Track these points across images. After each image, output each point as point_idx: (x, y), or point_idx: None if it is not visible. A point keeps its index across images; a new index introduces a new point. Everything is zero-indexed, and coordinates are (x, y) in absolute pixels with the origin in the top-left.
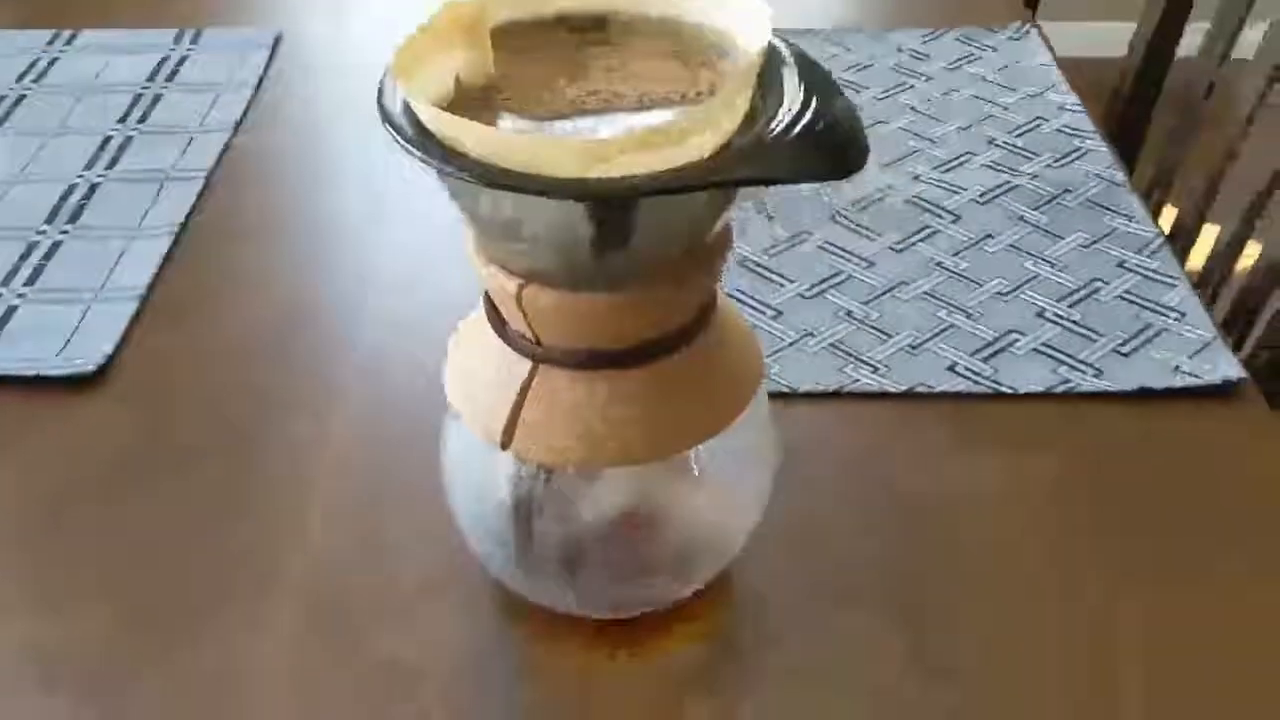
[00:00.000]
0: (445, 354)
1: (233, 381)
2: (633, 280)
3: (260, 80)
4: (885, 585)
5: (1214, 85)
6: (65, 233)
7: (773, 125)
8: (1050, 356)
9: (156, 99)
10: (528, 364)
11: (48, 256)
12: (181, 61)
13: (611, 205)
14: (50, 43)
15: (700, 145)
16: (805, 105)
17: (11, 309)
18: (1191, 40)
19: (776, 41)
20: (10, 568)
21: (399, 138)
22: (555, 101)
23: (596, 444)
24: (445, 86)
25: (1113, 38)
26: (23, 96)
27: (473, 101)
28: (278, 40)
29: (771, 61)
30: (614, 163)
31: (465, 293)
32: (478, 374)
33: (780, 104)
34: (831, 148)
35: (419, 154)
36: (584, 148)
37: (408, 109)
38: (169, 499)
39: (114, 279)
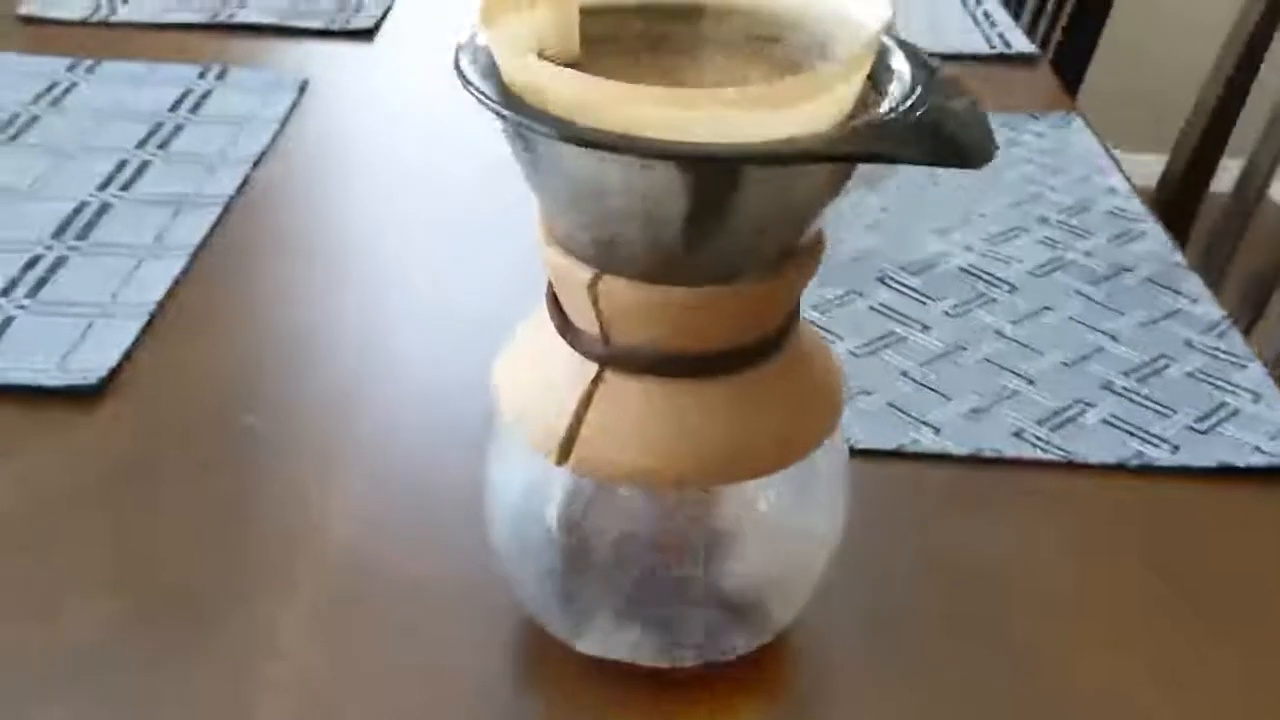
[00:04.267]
0: (480, 367)
1: (242, 395)
2: (722, 274)
3: (285, 118)
4: (942, 651)
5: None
6: (73, 248)
7: (891, 108)
8: (1121, 429)
9: (178, 128)
10: (593, 368)
11: (52, 270)
12: (206, 95)
13: (716, 174)
14: (70, 69)
15: (814, 115)
16: (924, 93)
17: (9, 319)
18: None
19: (886, 38)
20: (5, 574)
21: (481, 94)
22: None
23: (667, 461)
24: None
25: (1143, 170)
26: (37, 117)
27: None
28: (304, 85)
29: (882, 54)
30: (717, 126)
31: (480, 323)
32: (533, 380)
33: (895, 91)
34: (957, 133)
35: (504, 109)
36: (689, 98)
37: (485, 75)
38: (172, 508)
39: (122, 295)
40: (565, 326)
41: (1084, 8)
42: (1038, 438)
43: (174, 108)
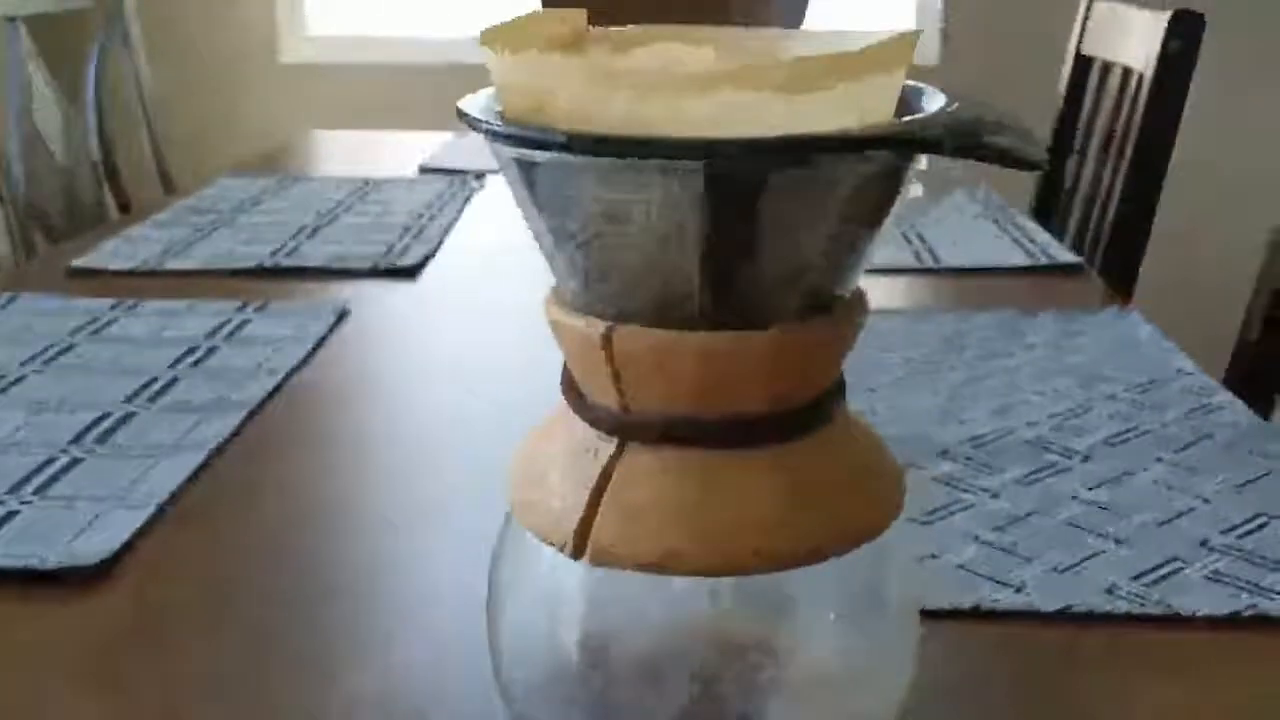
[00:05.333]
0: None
1: (246, 579)
2: (748, 317)
3: (322, 339)
4: None
5: None
6: (89, 451)
7: (937, 108)
8: (1227, 584)
9: (211, 350)
10: (612, 445)
11: (65, 470)
12: (244, 323)
13: (734, 181)
14: (113, 308)
15: (839, 105)
16: (964, 103)
17: (13, 513)
18: None
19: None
20: None
21: (484, 121)
22: None
23: (695, 543)
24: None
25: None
26: (74, 345)
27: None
28: (344, 313)
29: (915, 91)
30: (735, 119)
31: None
32: (547, 470)
33: (934, 105)
34: (1004, 127)
35: (504, 132)
36: (704, 79)
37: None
38: (167, 683)
39: (133, 490)
40: (580, 404)
41: (1124, 223)
42: (1134, 594)
43: (211, 334)
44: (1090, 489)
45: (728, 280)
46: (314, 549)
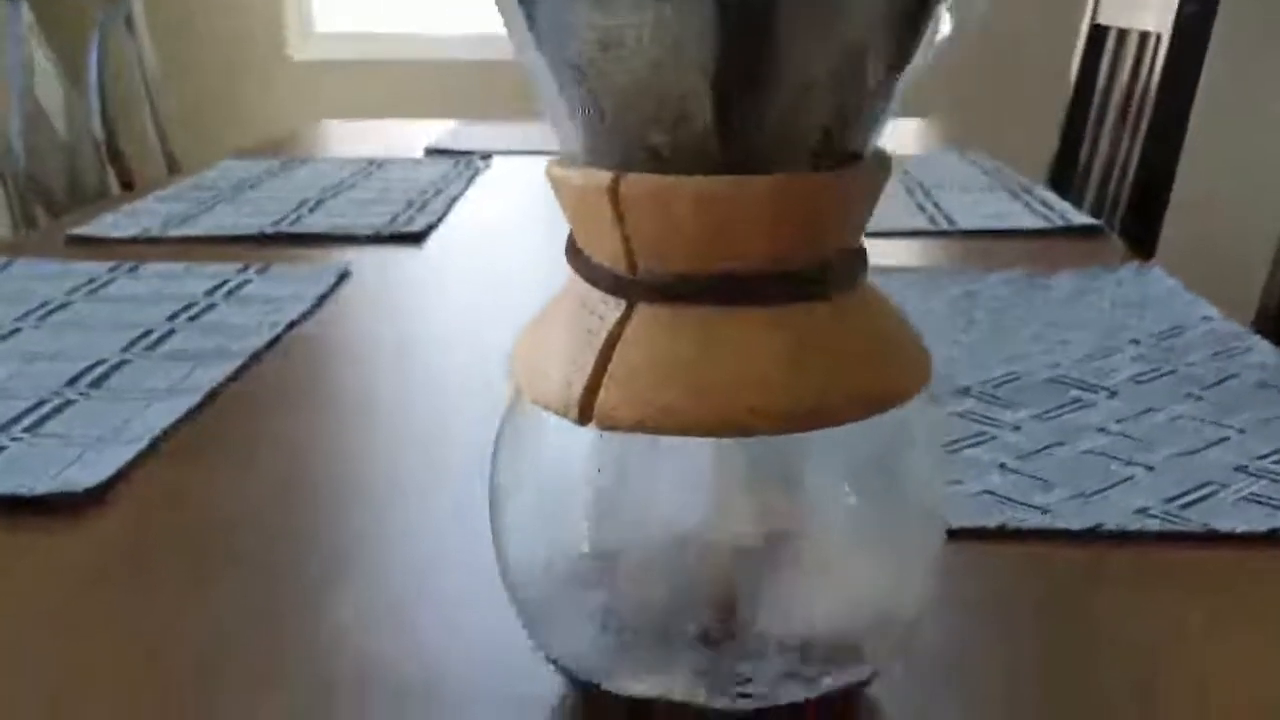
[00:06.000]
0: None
1: (237, 521)
2: (762, 161)
3: (323, 297)
4: None
5: None
6: (84, 395)
7: None
8: (1264, 505)
9: (210, 307)
10: (615, 307)
11: (58, 410)
12: (244, 284)
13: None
14: (111, 270)
15: None
16: None
17: (1, 449)
18: None
19: None
20: None
21: None
22: None
23: (707, 399)
24: None
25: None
26: (71, 303)
27: None
28: (345, 274)
29: None
30: None
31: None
32: (551, 341)
33: None
34: None
35: None
36: None
37: None
38: (155, 620)
39: (128, 426)
40: (584, 267)
41: (1143, 190)
42: (1167, 514)
43: (210, 293)
44: (1117, 422)
45: (736, 116)
46: (314, 491)
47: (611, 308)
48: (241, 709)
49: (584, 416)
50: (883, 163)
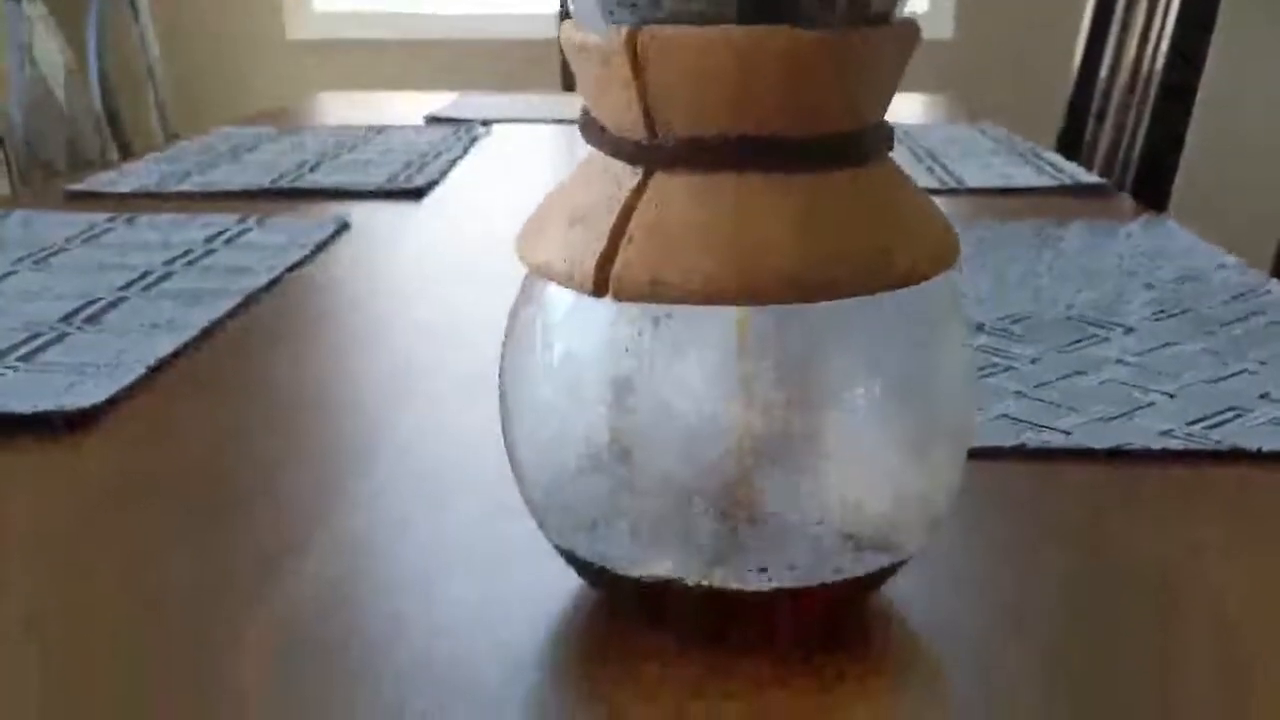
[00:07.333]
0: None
1: (231, 452)
2: (783, 18)
3: (322, 244)
4: (1101, 653)
5: None
6: (79, 329)
7: None
8: None
9: (209, 252)
10: (636, 174)
11: (54, 342)
12: (243, 233)
13: None
14: (110, 219)
15: None
16: None
17: None
18: None
19: None
20: None
21: None
22: None
23: (730, 266)
24: None
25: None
26: (68, 249)
27: None
28: (345, 225)
29: None
30: None
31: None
32: (564, 216)
33: None
34: None
35: None
36: None
37: None
38: (146, 544)
39: (122, 357)
40: (601, 137)
41: (1153, 152)
42: (1191, 435)
43: (209, 240)
44: (1136, 354)
45: None
46: (310, 417)
47: (628, 175)
48: (231, 631)
49: (599, 288)
50: (909, 29)
